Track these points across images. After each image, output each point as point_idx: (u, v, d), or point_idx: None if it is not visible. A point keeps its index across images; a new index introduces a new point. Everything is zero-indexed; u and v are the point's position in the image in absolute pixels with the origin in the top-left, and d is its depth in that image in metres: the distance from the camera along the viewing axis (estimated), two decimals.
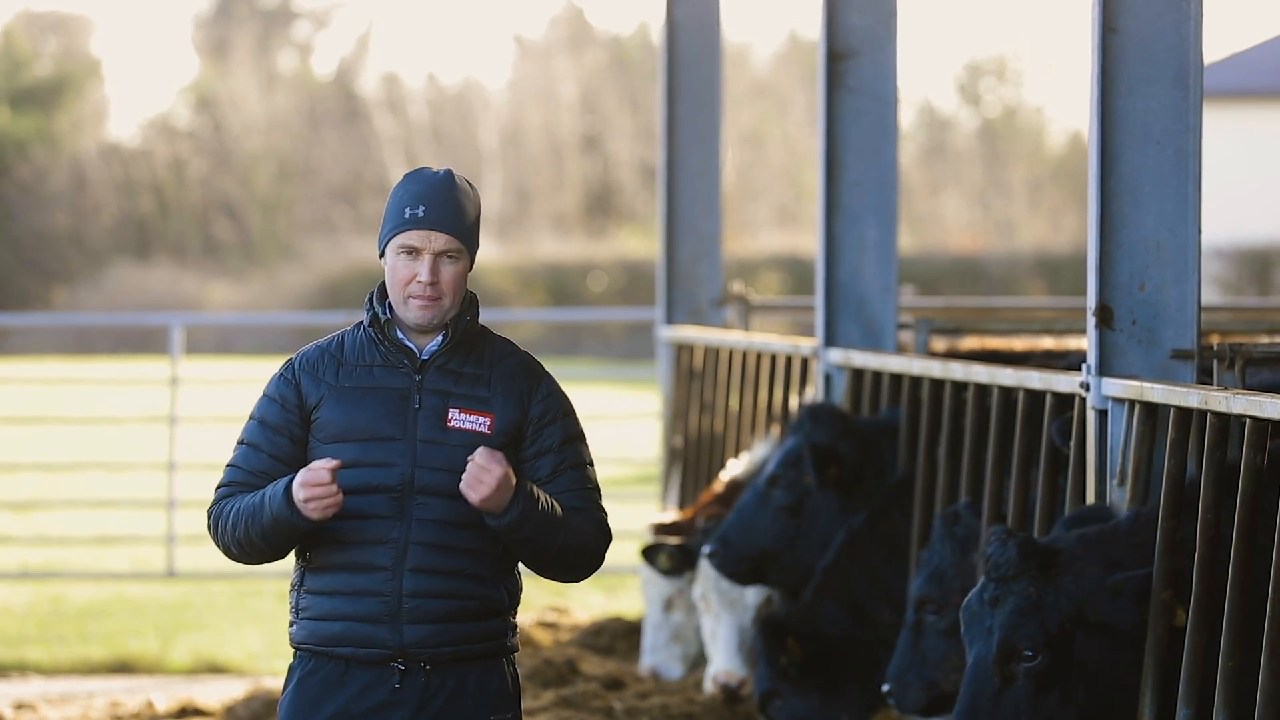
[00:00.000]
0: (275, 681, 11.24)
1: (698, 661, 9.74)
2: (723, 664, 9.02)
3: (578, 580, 5.33)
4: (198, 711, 10.36)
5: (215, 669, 11.92)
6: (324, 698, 5.24)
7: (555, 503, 5.21)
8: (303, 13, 50.05)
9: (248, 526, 5.20)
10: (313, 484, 5.10)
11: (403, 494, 5.18)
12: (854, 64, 8.90)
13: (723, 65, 11.53)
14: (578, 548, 5.22)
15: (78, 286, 41.47)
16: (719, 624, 9.10)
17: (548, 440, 5.24)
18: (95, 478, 18.11)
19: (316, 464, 5.12)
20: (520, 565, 5.36)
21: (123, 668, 11.95)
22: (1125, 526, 6.42)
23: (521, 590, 5.37)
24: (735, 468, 9.58)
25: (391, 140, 46.45)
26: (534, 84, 47.26)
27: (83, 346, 30.86)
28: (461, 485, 5.11)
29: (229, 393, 22.54)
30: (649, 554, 9.29)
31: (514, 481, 5.12)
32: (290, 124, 45.84)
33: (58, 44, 47.53)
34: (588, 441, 5.33)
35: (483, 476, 5.08)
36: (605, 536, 5.28)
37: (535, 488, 5.19)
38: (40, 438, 19.94)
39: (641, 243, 41.51)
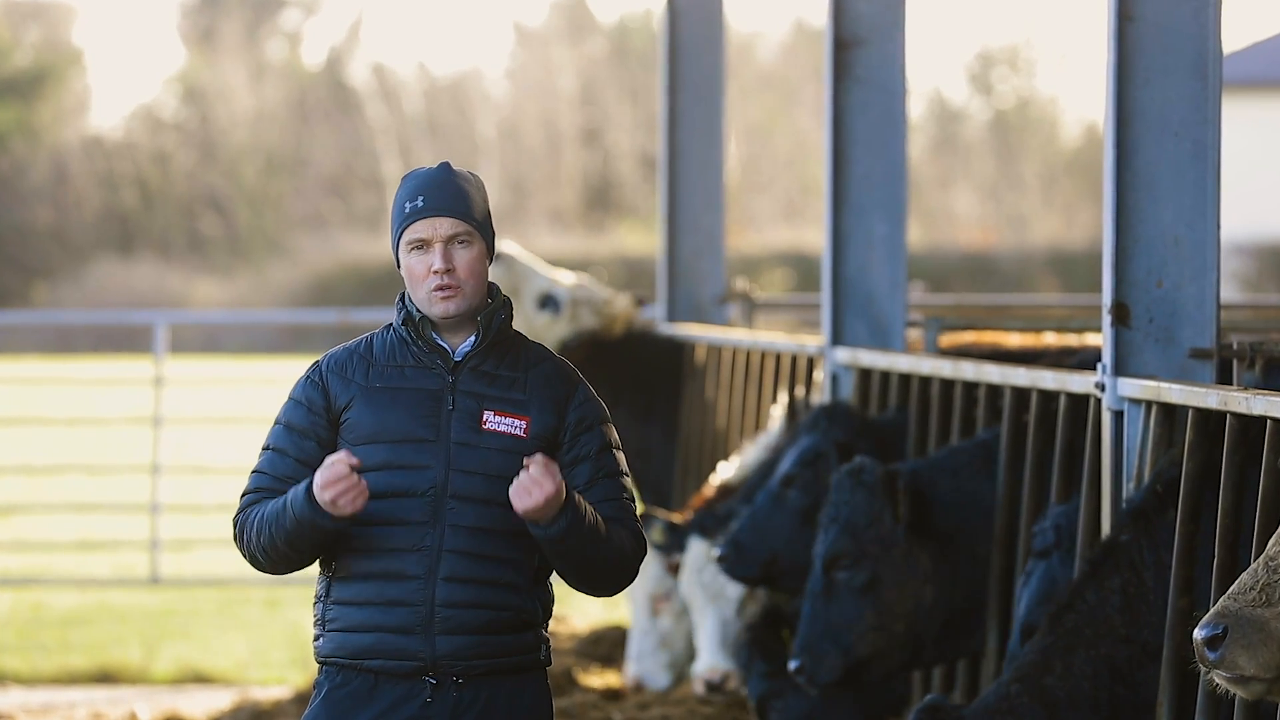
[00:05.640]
0: (262, 692, 11.18)
1: (686, 669, 9.61)
2: (706, 660, 8.95)
3: (611, 593, 5.25)
4: None
5: (200, 679, 11.86)
6: (352, 712, 5.11)
7: (598, 515, 5.13)
8: (291, 0, 49.87)
9: (272, 533, 5.08)
10: (333, 481, 5.00)
11: (435, 498, 5.09)
12: (862, 53, 8.82)
13: (726, 55, 11.51)
14: (616, 561, 5.14)
15: (59, 283, 41.34)
16: (703, 617, 9.03)
17: (585, 448, 5.16)
18: (77, 481, 18.01)
19: (331, 459, 5.02)
20: (552, 576, 5.30)
21: (105, 677, 11.87)
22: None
23: (554, 602, 5.27)
24: (727, 471, 9.47)
25: (384, 132, 46.30)
26: (532, 74, 47.13)
27: (64, 345, 30.76)
28: (511, 491, 5.03)
29: (215, 393, 22.48)
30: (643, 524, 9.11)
31: (564, 494, 5.04)
32: (279, 115, 45.74)
33: (38, 33, 47.39)
34: (622, 450, 5.26)
35: (533, 489, 5.01)
36: (641, 548, 5.20)
37: (581, 498, 5.11)
38: (20, 439, 19.90)
39: (642, 238, 41.42)
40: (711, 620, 8.90)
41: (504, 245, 10.65)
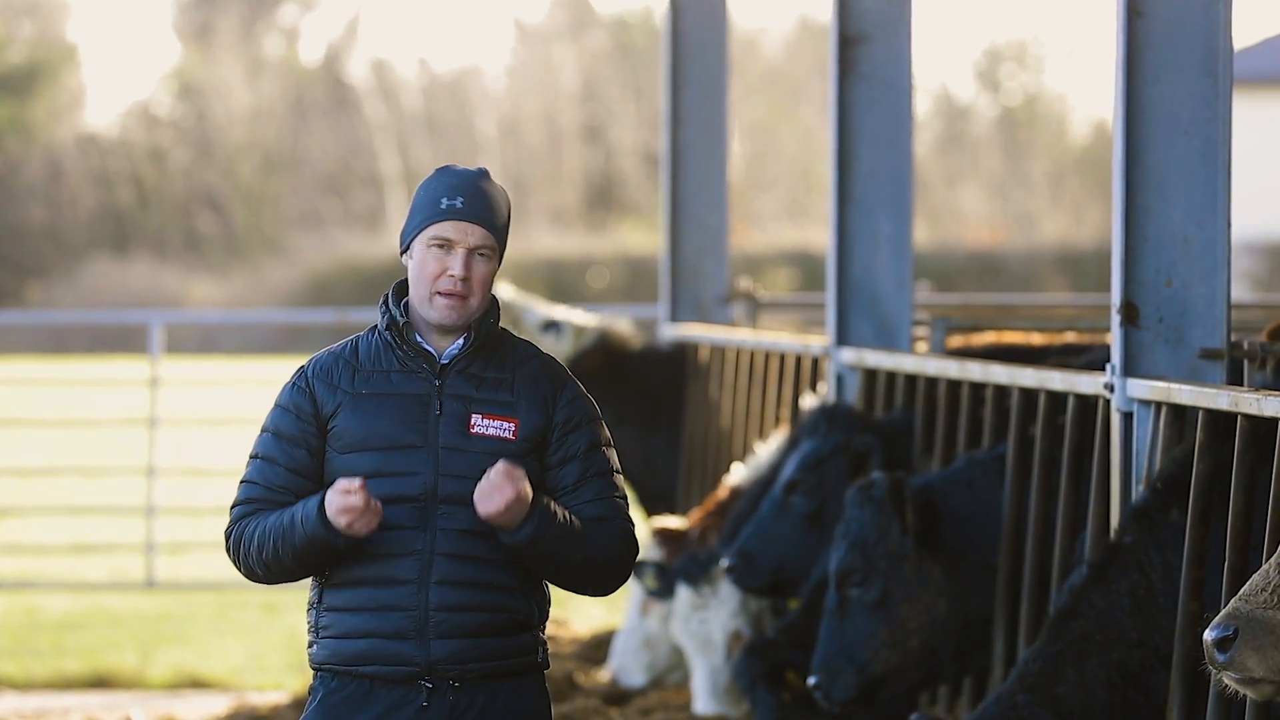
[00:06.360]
0: (259, 697, 11.13)
1: (664, 673, 9.63)
2: (700, 709, 8.94)
3: (604, 594, 5.21)
4: None
5: (197, 684, 11.79)
6: (347, 716, 5.11)
7: (575, 518, 5.10)
8: None
9: (278, 548, 5.07)
10: (348, 510, 4.98)
11: (426, 504, 5.07)
12: (867, 49, 8.78)
13: (729, 51, 11.47)
14: (601, 562, 5.11)
15: (53, 283, 41.26)
16: (693, 667, 9.03)
17: (573, 446, 5.12)
18: (71, 483, 17.99)
19: (342, 485, 5.00)
20: None
21: (100, 682, 11.81)
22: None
23: (550, 604, 5.23)
24: (739, 474, 9.42)
25: (383, 129, 46.18)
26: (533, 70, 47.03)
27: (58, 345, 30.70)
28: (475, 496, 5.01)
29: (211, 394, 22.42)
30: (635, 570, 9.05)
31: (529, 499, 5.01)
32: (276, 112, 45.65)
33: (32, 29, 47.29)
34: (614, 447, 5.21)
35: (493, 494, 4.98)
36: (631, 548, 5.15)
37: (553, 503, 5.07)
38: (14, 441, 19.85)
39: (644, 237, 41.33)
40: (701, 670, 8.91)
41: (499, 290, 10.74)
